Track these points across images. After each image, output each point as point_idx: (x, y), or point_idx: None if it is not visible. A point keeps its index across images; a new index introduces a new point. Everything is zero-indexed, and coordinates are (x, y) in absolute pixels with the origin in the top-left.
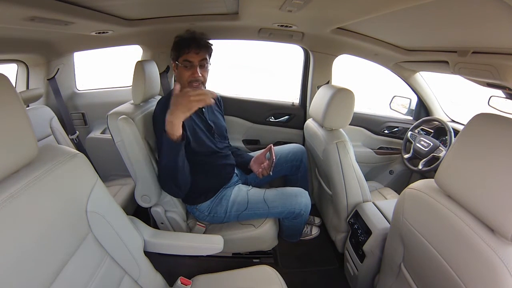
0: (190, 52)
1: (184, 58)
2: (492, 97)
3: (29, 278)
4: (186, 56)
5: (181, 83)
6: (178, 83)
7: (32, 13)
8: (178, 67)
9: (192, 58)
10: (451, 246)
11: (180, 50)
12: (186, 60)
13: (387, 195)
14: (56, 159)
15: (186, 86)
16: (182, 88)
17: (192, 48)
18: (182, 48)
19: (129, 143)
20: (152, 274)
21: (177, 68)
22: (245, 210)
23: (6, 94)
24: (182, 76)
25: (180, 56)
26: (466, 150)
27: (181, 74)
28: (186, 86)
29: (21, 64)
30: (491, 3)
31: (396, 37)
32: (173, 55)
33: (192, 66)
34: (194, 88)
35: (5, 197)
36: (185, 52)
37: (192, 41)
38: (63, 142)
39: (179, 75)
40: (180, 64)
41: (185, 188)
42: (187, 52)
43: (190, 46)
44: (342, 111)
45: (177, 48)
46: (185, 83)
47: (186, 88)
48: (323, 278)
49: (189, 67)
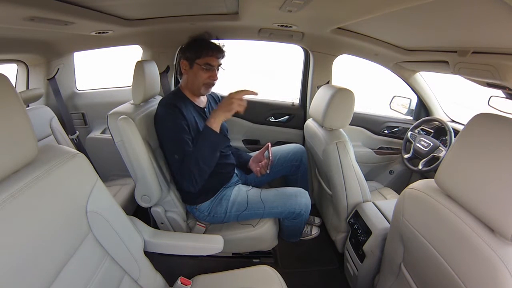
0: (213, 56)
1: (207, 61)
2: (492, 97)
3: (29, 278)
4: (208, 59)
5: (196, 83)
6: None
7: (32, 13)
8: (194, 67)
9: (213, 62)
10: (451, 246)
11: (202, 51)
12: (208, 63)
13: (387, 195)
14: (56, 159)
15: (200, 86)
16: (195, 88)
17: (215, 52)
18: (205, 50)
19: (129, 143)
20: (152, 274)
21: (192, 68)
22: (245, 210)
23: (6, 94)
24: (199, 77)
25: (201, 57)
26: (466, 150)
27: (198, 74)
28: (200, 87)
29: (21, 64)
30: (491, 3)
31: (396, 37)
32: (190, 55)
33: (212, 70)
34: (208, 89)
35: (5, 197)
36: (208, 55)
37: (215, 46)
38: (63, 142)
39: (194, 75)
40: (200, 65)
41: (203, 180)
42: (210, 55)
43: (213, 50)
44: (342, 111)
45: (196, 49)
46: (200, 84)
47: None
48: (323, 278)
49: (208, 69)
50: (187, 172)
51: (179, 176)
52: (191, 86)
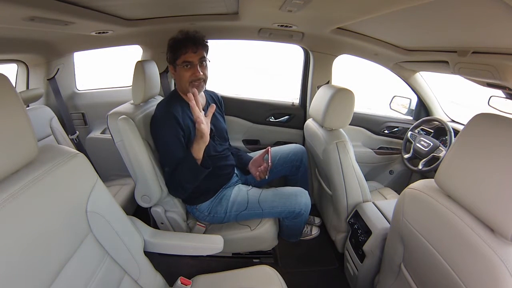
0: (188, 52)
1: (183, 59)
2: (492, 97)
3: (29, 278)
4: (184, 57)
5: (182, 84)
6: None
7: (32, 13)
8: (177, 69)
9: (191, 58)
10: (451, 246)
11: (177, 51)
12: (185, 61)
13: (387, 195)
14: (56, 159)
15: (187, 87)
16: (184, 89)
17: (189, 48)
18: (179, 49)
19: (129, 143)
20: (152, 274)
21: (176, 70)
22: (245, 210)
23: (6, 94)
24: (183, 77)
25: (178, 57)
26: (466, 150)
27: (181, 75)
28: (187, 87)
29: (21, 64)
30: (491, 3)
31: (396, 37)
32: (169, 57)
33: (192, 66)
34: (196, 87)
35: (5, 197)
36: (182, 53)
37: (188, 41)
38: (63, 142)
39: (179, 76)
40: (179, 65)
41: (191, 189)
42: (184, 53)
43: (187, 46)
44: (342, 111)
45: (173, 50)
46: (186, 84)
47: (196, 116)
48: (323, 278)
49: (189, 67)
50: (174, 182)
51: (168, 184)
52: (180, 88)
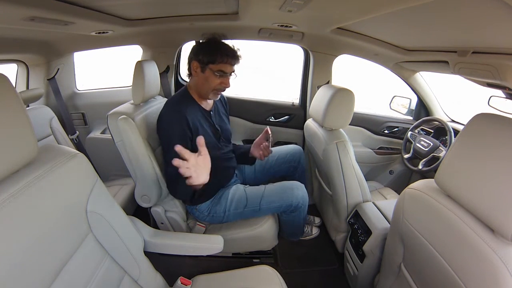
0: (227, 63)
1: (220, 67)
2: (492, 97)
3: (29, 278)
4: (222, 66)
5: (205, 88)
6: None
7: (32, 13)
8: (206, 72)
9: (227, 69)
10: (451, 246)
11: (216, 56)
12: (221, 70)
13: (387, 195)
14: (56, 159)
15: (209, 93)
16: (203, 92)
17: (229, 59)
18: (220, 55)
19: (129, 143)
20: (152, 274)
21: (203, 71)
22: (243, 208)
23: (6, 94)
24: (210, 82)
25: (215, 63)
26: (466, 150)
27: (209, 80)
28: (209, 92)
29: (21, 64)
30: (491, 3)
31: (396, 37)
32: (202, 58)
33: (225, 76)
34: (217, 95)
35: (5, 197)
36: (222, 61)
37: (231, 53)
38: (63, 142)
39: (205, 80)
40: (212, 70)
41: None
42: (224, 62)
43: (228, 57)
44: (342, 111)
45: (210, 53)
46: (210, 90)
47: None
48: (323, 278)
49: (221, 76)
50: (173, 187)
51: (168, 183)
52: (200, 90)
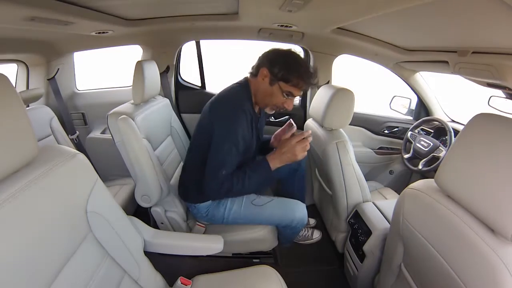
0: (300, 88)
1: (291, 89)
2: (492, 97)
3: (29, 278)
4: (293, 89)
5: (267, 99)
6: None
7: (32, 13)
8: (275, 86)
9: (296, 93)
10: (451, 246)
11: (292, 78)
12: (291, 92)
13: (387, 195)
14: (56, 159)
15: (269, 105)
16: (262, 102)
17: (304, 85)
18: (295, 78)
19: (129, 143)
20: (152, 274)
21: (272, 84)
22: (241, 219)
23: (6, 94)
24: (274, 98)
25: (288, 82)
26: (466, 150)
27: (274, 95)
28: (268, 105)
29: (21, 64)
30: (491, 3)
31: (396, 37)
32: (279, 72)
33: (291, 99)
34: (273, 111)
35: (5, 197)
36: (295, 84)
37: (307, 80)
38: (63, 142)
39: (271, 93)
40: (282, 89)
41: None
42: (297, 86)
43: (303, 82)
44: (342, 111)
45: (290, 71)
46: (271, 103)
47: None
48: (323, 278)
49: (288, 96)
50: (217, 184)
51: (208, 180)
52: (259, 97)
